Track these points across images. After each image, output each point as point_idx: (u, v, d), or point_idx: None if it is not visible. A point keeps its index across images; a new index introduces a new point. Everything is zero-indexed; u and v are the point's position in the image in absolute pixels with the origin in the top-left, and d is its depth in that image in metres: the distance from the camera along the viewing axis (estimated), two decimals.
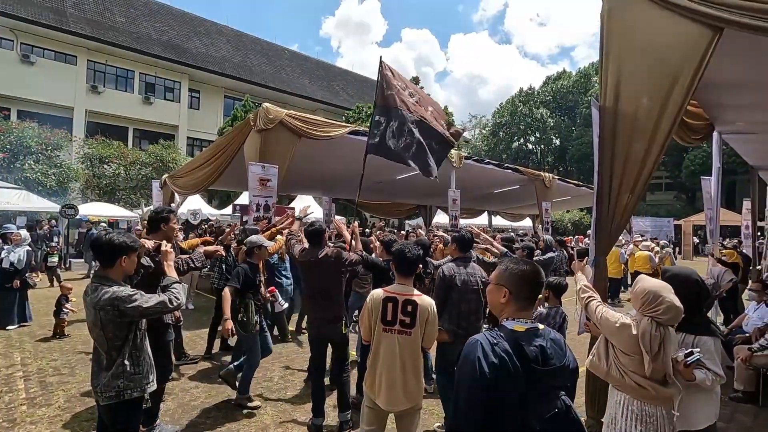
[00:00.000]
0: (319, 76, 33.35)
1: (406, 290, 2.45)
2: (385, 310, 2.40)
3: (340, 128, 7.42)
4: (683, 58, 2.89)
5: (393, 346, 2.37)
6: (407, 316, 2.37)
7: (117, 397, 2.16)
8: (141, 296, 2.18)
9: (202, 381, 4.34)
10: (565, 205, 18.70)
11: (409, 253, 2.49)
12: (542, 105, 37.77)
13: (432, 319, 2.43)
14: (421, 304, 2.41)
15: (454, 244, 3.42)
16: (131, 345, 2.21)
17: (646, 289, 2.06)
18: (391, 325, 2.39)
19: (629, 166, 3.13)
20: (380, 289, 2.47)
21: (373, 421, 2.45)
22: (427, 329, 2.42)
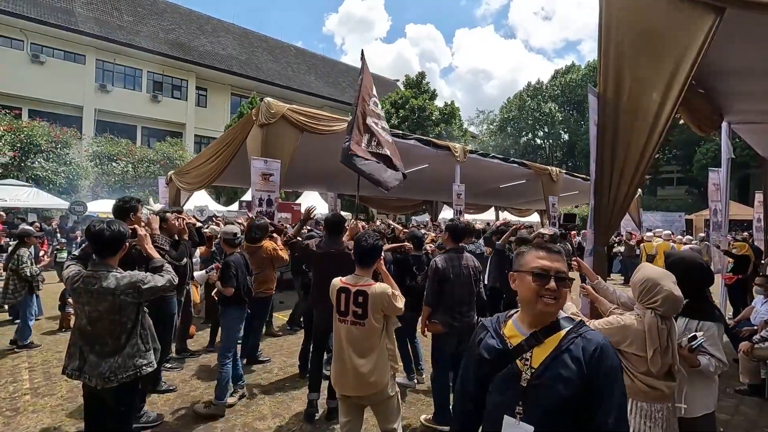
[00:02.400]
0: (325, 72, 33.36)
1: (360, 281, 2.43)
2: (339, 301, 2.41)
3: (343, 123, 7.39)
4: (684, 42, 2.82)
5: (348, 335, 2.39)
6: (359, 306, 2.37)
7: (135, 374, 2.25)
8: (152, 277, 2.31)
9: (201, 372, 4.37)
10: (573, 200, 18.47)
11: (365, 242, 2.46)
12: (551, 99, 37.34)
13: (388, 303, 2.38)
14: (373, 294, 2.37)
15: (447, 233, 3.39)
16: (140, 325, 2.31)
17: (645, 277, 2.00)
18: (344, 315, 2.41)
19: (630, 154, 3.07)
20: (338, 279, 2.49)
21: (347, 412, 2.45)
22: (387, 310, 2.39)
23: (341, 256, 3.34)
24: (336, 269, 3.32)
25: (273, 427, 3.31)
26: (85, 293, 2.18)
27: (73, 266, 2.29)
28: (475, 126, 43.50)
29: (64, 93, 20.82)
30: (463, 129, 26.74)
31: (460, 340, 3.31)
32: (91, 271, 2.22)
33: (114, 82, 22.97)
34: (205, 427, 3.28)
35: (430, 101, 23.92)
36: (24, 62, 20.12)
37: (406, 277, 4.12)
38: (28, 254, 5.10)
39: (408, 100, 23.06)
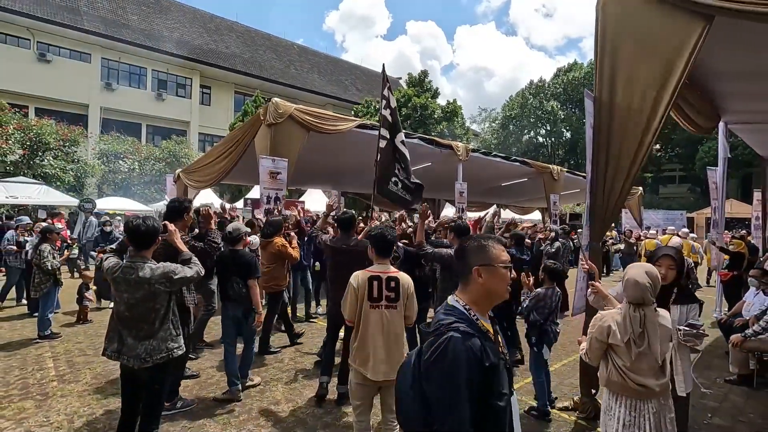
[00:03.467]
0: (328, 71, 33.50)
1: (386, 269, 2.69)
2: (371, 288, 2.60)
3: (348, 122, 7.57)
4: (675, 47, 2.99)
5: (381, 320, 2.59)
6: (392, 291, 2.61)
7: (167, 356, 2.46)
8: (182, 268, 2.52)
9: (220, 362, 4.58)
10: (575, 198, 18.61)
11: (389, 236, 2.75)
12: (553, 97, 37.37)
13: (411, 292, 2.68)
14: (402, 280, 2.66)
15: (453, 233, 3.59)
16: (171, 312, 2.52)
17: (626, 273, 2.19)
18: (377, 301, 2.60)
19: (623, 155, 3.25)
20: (362, 270, 2.69)
21: (364, 395, 2.63)
22: (408, 302, 2.67)
23: (351, 252, 3.53)
24: (346, 263, 3.54)
25: (287, 410, 3.52)
26: (124, 282, 2.39)
27: (111, 258, 2.50)
28: (478, 124, 43.59)
29: (70, 91, 21.06)
30: (465, 127, 26.88)
31: None
32: (129, 262, 2.43)
33: (119, 80, 23.20)
34: (225, 410, 3.49)
35: (433, 99, 24.06)
36: (31, 61, 20.35)
37: (414, 269, 4.33)
38: (49, 249, 5.34)
39: (410, 98, 23.19)
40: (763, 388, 4.06)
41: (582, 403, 3.43)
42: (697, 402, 3.78)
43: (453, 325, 1.24)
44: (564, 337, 5.59)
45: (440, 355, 1.19)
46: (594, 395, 3.39)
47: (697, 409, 3.60)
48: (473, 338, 1.22)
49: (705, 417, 3.53)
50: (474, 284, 1.37)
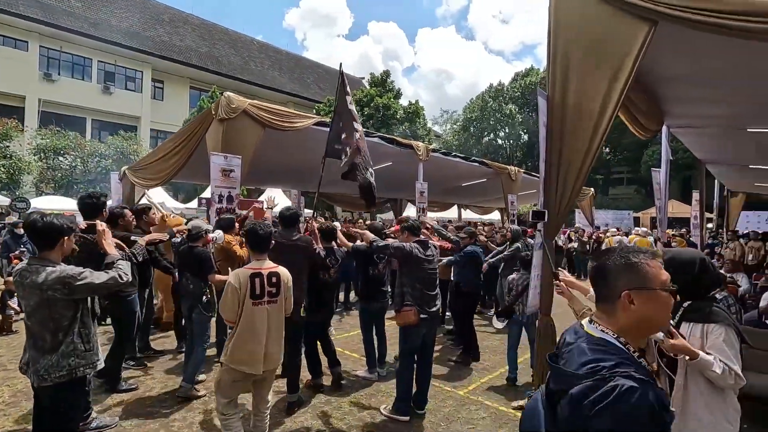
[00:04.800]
0: (289, 68, 32.82)
1: (265, 264, 2.67)
2: (253, 286, 2.56)
3: (306, 119, 7.37)
4: (623, 50, 3.03)
5: (264, 317, 2.58)
6: (273, 286, 2.62)
7: (69, 375, 2.16)
8: (91, 273, 2.21)
9: (164, 374, 4.27)
10: (532, 199, 19.20)
11: (261, 230, 2.69)
12: (511, 101, 38.49)
13: (290, 285, 2.74)
14: (283, 274, 2.70)
15: (406, 231, 3.51)
16: (79, 323, 2.23)
17: None
18: (259, 298, 2.58)
19: (575, 154, 3.27)
20: (243, 268, 2.66)
21: (235, 392, 2.64)
22: (287, 295, 2.72)
23: (291, 248, 3.40)
24: (283, 260, 3.38)
25: None
26: (20, 287, 2.14)
27: (25, 260, 2.23)
28: (439, 125, 44.22)
29: (3, 81, 19.37)
30: (428, 128, 27.14)
31: (427, 331, 3.43)
32: (27, 264, 2.15)
33: (61, 71, 21.63)
34: (162, 424, 3.22)
35: (395, 100, 24.11)
36: None
37: (368, 267, 4.22)
38: None
39: (373, 98, 23.13)
40: None
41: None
42: None
43: (620, 370, 0.96)
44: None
45: (615, 413, 0.91)
46: None
47: None
48: (649, 387, 0.94)
49: None
50: (624, 312, 1.08)
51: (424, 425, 3.29)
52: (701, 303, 1.89)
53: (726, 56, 3.45)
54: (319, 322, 3.91)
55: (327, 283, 3.84)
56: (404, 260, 3.40)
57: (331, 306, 4.03)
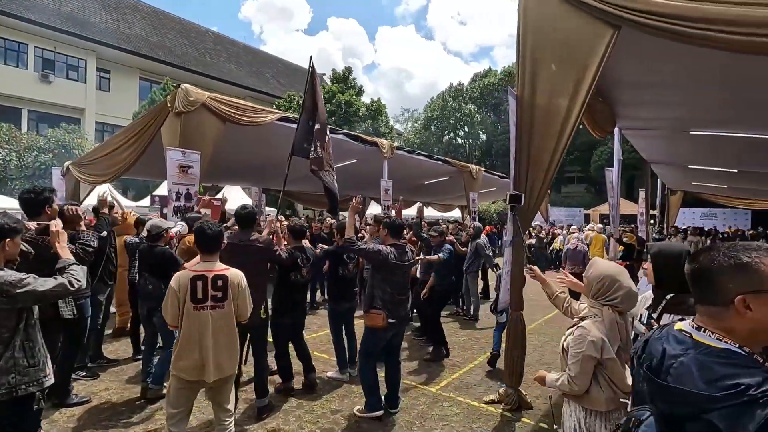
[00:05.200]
0: (247, 62, 31.77)
1: (212, 266, 2.49)
2: (194, 289, 2.40)
3: (268, 114, 7.16)
4: (588, 53, 3.14)
5: (206, 322, 2.41)
6: (218, 290, 2.45)
7: (9, 394, 1.93)
8: (35, 279, 1.98)
9: (121, 384, 3.99)
10: (491, 196, 19.75)
11: (209, 230, 2.51)
12: (470, 101, 39.41)
13: (243, 288, 2.53)
14: (232, 277, 2.50)
15: (386, 230, 3.45)
16: (22, 335, 1.99)
17: (602, 274, 1.94)
18: (202, 302, 2.41)
19: (543, 153, 3.36)
20: (186, 270, 2.48)
21: (183, 402, 2.48)
22: (239, 300, 2.52)
23: (247, 249, 3.28)
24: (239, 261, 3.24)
25: None
26: None
27: None
28: (401, 124, 44.56)
29: None
30: (390, 126, 27.23)
31: (395, 333, 3.40)
32: None
33: None
34: None
35: (357, 97, 23.98)
36: None
37: (338, 267, 4.14)
38: None
39: (335, 95, 22.88)
40: None
41: (507, 395, 3.51)
42: None
43: None
44: (486, 332, 5.82)
45: None
46: (518, 387, 3.49)
47: None
48: None
49: None
50: (738, 318, 0.94)
51: (398, 424, 3.28)
52: (685, 296, 1.93)
53: (675, 63, 3.65)
54: (290, 324, 3.79)
55: (297, 284, 3.73)
56: (378, 265, 3.34)
57: (303, 307, 3.92)
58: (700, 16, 2.39)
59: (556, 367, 4.54)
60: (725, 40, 2.34)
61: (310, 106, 4.72)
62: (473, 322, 6.45)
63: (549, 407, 2.99)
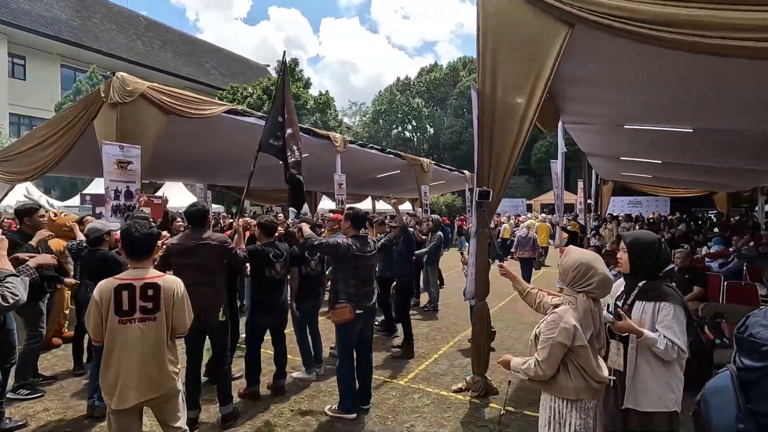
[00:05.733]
0: (184, 51, 29.91)
1: (142, 274, 2.19)
2: (119, 300, 2.11)
3: (216, 106, 6.80)
4: (544, 50, 3.25)
5: (133, 337, 2.12)
6: (149, 300, 2.15)
7: None
8: None
9: (54, 402, 3.61)
10: (440, 189, 20.21)
11: (137, 232, 2.19)
12: (417, 95, 39.95)
13: (180, 298, 2.24)
14: (166, 285, 2.21)
15: (348, 221, 3.39)
16: None
17: (577, 261, 1.93)
18: (128, 315, 2.12)
19: (504, 145, 3.45)
20: (111, 278, 2.19)
21: (122, 425, 2.16)
22: (175, 311, 2.22)
23: (200, 249, 3.09)
24: (193, 263, 3.06)
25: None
26: None
27: None
28: (348, 117, 44.25)
29: None
30: (339, 119, 26.95)
31: (364, 325, 3.37)
32: None
33: None
34: None
35: (305, 90, 23.46)
36: None
37: (300, 266, 4.02)
38: None
39: None
40: None
41: (474, 382, 3.61)
42: None
43: None
44: (446, 322, 5.97)
45: None
46: (485, 374, 3.60)
47: None
48: None
49: None
50: None
51: (372, 420, 3.26)
52: (655, 282, 2.07)
53: (618, 61, 3.87)
54: (266, 325, 3.64)
55: (273, 281, 3.56)
56: (339, 258, 3.28)
57: (282, 305, 3.73)
58: (651, 18, 2.54)
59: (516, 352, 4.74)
60: (674, 40, 2.51)
61: (280, 103, 4.52)
62: (433, 312, 6.57)
63: (506, 391, 3.07)
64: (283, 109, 4.51)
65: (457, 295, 7.65)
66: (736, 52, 2.35)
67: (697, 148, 7.83)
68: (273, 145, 4.47)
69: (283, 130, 4.47)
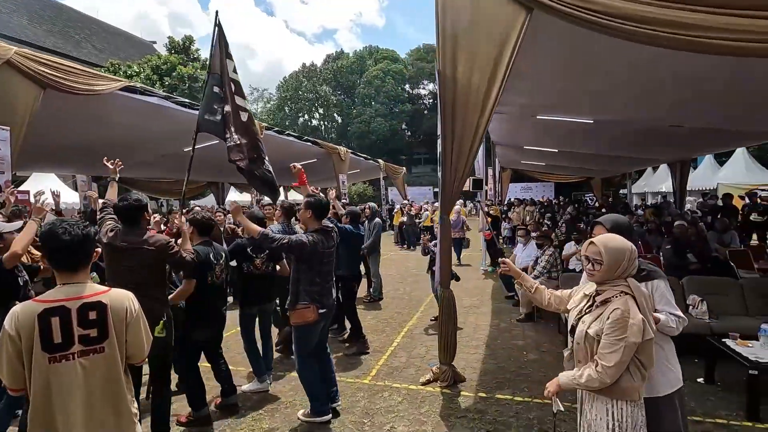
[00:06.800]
0: (46, 18, 25.09)
1: (79, 291, 1.58)
2: (47, 331, 1.50)
3: (109, 81, 5.77)
4: (504, 34, 3.21)
5: (73, 379, 1.53)
6: (91, 327, 1.56)
7: None
8: None
9: None
10: (356, 178, 20.14)
11: (65, 234, 1.56)
12: (325, 82, 39.12)
13: (134, 320, 1.67)
14: (114, 302, 1.62)
15: (310, 210, 2.98)
16: None
17: (623, 248, 1.74)
18: (63, 350, 1.52)
19: (466, 130, 3.38)
20: (31, 301, 1.56)
21: None
22: (130, 335, 1.65)
23: (141, 251, 2.54)
24: (127, 270, 2.51)
25: None
26: None
27: None
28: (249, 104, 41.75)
29: None
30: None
31: (325, 324, 3.07)
32: None
33: None
34: None
35: (203, 71, 21.36)
36: None
37: (242, 264, 3.53)
38: None
39: (175, 66, 19.92)
40: (540, 321, 5.22)
41: (442, 372, 3.54)
42: (509, 342, 4.56)
43: None
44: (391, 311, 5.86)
45: None
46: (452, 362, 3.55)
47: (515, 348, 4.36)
48: None
49: (522, 354, 4.25)
50: None
51: (347, 426, 2.98)
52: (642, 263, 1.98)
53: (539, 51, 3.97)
54: (206, 338, 3.08)
55: (215, 287, 3.03)
56: (306, 257, 2.91)
57: (223, 315, 3.19)
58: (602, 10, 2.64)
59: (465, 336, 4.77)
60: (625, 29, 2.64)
61: (218, 71, 3.89)
62: (377, 302, 6.42)
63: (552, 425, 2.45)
64: (221, 78, 3.91)
65: (391, 283, 7.65)
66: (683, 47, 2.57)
67: (592, 139, 8.77)
68: (210, 121, 3.87)
69: (221, 103, 3.88)
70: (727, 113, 5.43)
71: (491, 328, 5.01)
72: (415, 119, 38.49)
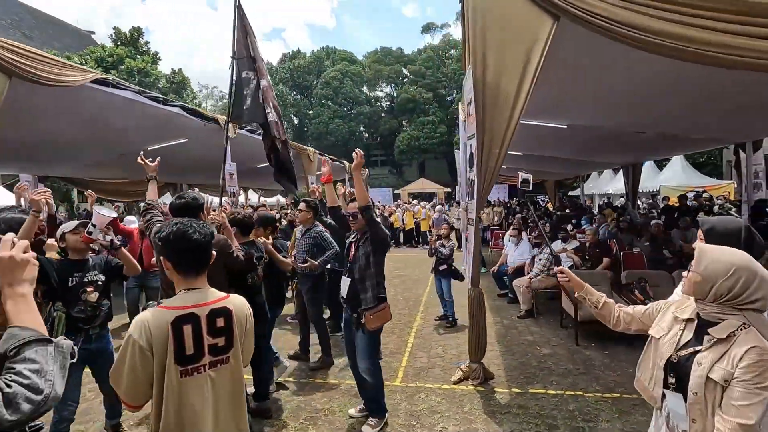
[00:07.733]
0: None
1: (205, 296, 1.48)
2: (181, 341, 1.38)
3: (80, 72, 5.28)
4: (532, 39, 3.31)
5: (203, 394, 1.42)
6: (220, 334, 1.46)
7: None
8: None
9: None
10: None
11: (196, 233, 1.46)
12: (281, 82, 38.18)
13: (250, 327, 1.60)
14: (237, 309, 1.54)
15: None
16: None
17: (732, 266, 1.31)
18: (194, 362, 1.41)
19: (495, 129, 3.45)
20: (159, 308, 1.43)
21: None
22: (246, 342, 1.59)
23: None
24: None
25: None
26: None
27: None
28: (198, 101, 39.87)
29: None
30: (197, 102, 24.01)
31: None
32: None
33: None
34: None
35: (153, 65, 20.12)
36: None
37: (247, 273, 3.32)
38: None
39: (122, 59, 18.60)
40: (539, 316, 5.42)
41: (473, 370, 3.57)
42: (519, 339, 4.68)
43: None
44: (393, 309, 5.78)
45: None
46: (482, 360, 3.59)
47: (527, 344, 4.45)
48: None
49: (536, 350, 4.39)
50: None
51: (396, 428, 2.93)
52: None
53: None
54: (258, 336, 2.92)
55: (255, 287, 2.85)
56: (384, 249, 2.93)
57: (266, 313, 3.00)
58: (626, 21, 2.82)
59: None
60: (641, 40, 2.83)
61: (245, 54, 3.66)
62: None
63: None
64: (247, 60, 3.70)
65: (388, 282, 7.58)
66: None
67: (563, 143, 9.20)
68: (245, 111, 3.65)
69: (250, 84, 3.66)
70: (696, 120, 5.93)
71: (496, 325, 5.15)
72: (372, 121, 38.59)
